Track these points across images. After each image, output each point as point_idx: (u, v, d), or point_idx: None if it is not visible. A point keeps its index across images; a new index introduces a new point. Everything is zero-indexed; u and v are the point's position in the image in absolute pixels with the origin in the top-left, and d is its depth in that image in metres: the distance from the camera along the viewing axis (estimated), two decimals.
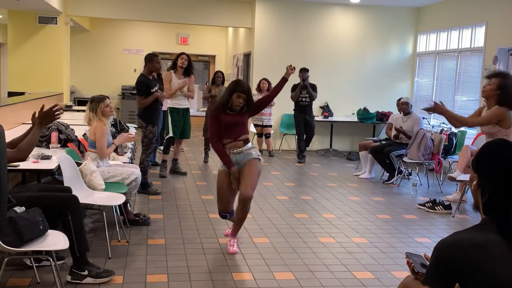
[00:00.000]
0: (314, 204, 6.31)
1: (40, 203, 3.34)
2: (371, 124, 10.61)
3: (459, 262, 1.61)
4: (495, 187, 1.68)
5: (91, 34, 13.74)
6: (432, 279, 1.68)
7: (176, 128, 7.35)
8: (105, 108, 4.81)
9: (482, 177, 1.73)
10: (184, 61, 7.22)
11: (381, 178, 7.94)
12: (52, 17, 9.89)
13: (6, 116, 6.16)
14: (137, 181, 4.95)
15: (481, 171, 1.74)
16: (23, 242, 3.07)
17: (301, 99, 9.18)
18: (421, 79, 10.77)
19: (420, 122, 7.71)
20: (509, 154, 1.70)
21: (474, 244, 1.61)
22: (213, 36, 14.48)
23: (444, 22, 9.79)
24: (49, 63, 9.97)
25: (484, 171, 1.73)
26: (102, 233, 4.53)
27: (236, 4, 10.82)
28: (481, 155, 1.77)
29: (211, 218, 5.51)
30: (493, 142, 1.78)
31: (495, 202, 1.68)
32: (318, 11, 10.61)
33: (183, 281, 3.79)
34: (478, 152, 1.80)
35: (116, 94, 13.61)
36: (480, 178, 1.74)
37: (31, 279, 3.67)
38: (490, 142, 1.80)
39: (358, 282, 3.92)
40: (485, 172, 1.72)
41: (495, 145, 1.76)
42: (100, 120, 4.79)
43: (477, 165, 1.76)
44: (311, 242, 4.84)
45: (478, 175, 1.75)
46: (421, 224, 5.62)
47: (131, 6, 10.42)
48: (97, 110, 4.79)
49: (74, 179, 4.24)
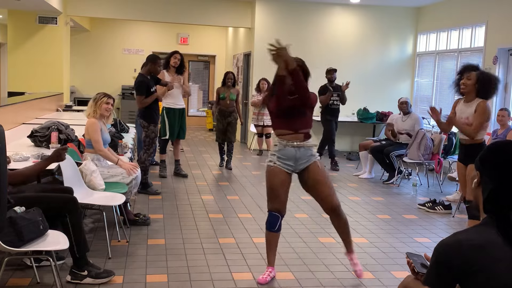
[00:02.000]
0: (314, 204, 6.28)
1: (40, 204, 3.34)
2: (371, 124, 10.61)
3: (459, 263, 1.61)
4: (496, 186, 1.68)
5: (91, 34, 13.73)
6: (433, 279, 1.69)
7: (171, 130, 7.33)
8: (105, 104, 4.82)
9: (484, 176, 1.73)
10: (177, 61, 7.22)
11: (381, 178, 7.94)
12: (52, 17, 9.89)
13: (6, 116, 6.15)
14: (137, 180, 4.95)
15: (484, 170, 1.74)
16: (23, 242, 3.07)
17: (332, 102, 8.55)
18: (421, 79, 10.77)
19: (420, 122, 7.72)
20: None
21: (474, 245, 1.61)
22: (213, 36, 14.48)
23: (444, 22, 9.79)
24: (49, 63, 9.97)
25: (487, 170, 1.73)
26: (102, 233, 4.53)
27: (236, 4, 10.82)
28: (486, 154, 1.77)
29: (211, 218, 5.51)
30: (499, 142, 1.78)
31: (495, 201, 1.68)
32: (318, 11, 10.61)
33: (183, 281, 3.79)
34: (483, 151, 1.80)
35: (116, 94, 13.61)
36: (482, 177, 1.74)
37: (31, 279, 3.67)
38: (496, 142, 1.80)
39: (358, 282, 3.92)
40: (487, 171, 1.73)
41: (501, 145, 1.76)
42: (94, 116, 4.80)
43: (481, 164, 1.76)
44: (311, 242, 4.84)
45: (480, 173, 1.75)
46: (421, 224, 5.62)
47: (131, 6, 10.42)
48: (98, 101, 4.80)
49: (74, 179, 4.23)
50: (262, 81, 9.43)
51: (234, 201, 6.29)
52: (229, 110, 8.25)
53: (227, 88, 8.26)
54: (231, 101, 8.25)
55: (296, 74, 3.75)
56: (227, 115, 8.26)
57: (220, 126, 8.29)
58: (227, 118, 8.26)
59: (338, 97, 8.56)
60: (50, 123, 5.23)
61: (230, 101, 8.23)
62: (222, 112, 8.26)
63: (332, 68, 8.66)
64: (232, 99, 8.25)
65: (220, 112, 8.27)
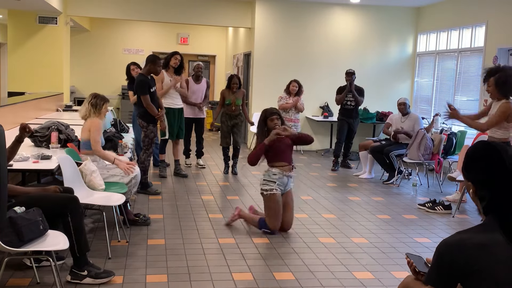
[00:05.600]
0: (314, 204, 6.31)
1: (40, 204, 3.34)
2: (371, 124, 10.61)
3: (460, 262, 1.61)
4: (491, 190, 1.67)
5: (91, 34, 13.74)
6: (434, 279, 1.69)
7: (171, 130, 7.33)
8: (104, 110, 4.85)
9: (476, 184, 1.72)
10: (177, 61, 7.27)
11: (381, 178, 7.94)
12: (52, 17, 9.89)
13: (6, 116, 6.15)
14: (137, 179, 4.95)
15: (473, 178, 1.73)
16: (23, 242, 3.08)
17: (346, 102, 8.60)
18: (421, 79, 10.77)
19: (419, 122, 7.72)
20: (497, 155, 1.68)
21: (475, 244, 1.61)
22: (213, 36, 14.48)
23: (444, 22, 9.79)
24: (49, 63, 9.97)
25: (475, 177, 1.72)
26: (102, 233, 4.53)
27: (236, 4, 10.82)
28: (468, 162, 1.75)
29: (211, 218, 5.51)
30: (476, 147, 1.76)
31: (494, 206, 1.67)
32: (318, 11, 10.61)
33: (183, 281, 3.79)
34: (464, 160, 1.78)
35: (116, 94, 13.62)
36: (474, 185, 1.73)
37: (31, 279, 3.67)
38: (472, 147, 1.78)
39: (358, 282, 3.92)
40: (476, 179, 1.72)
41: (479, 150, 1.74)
42: (98, 117, 4.80)
43: (467, 173, 1.75)
44: (311, 242, 4.84)
45: (471, 182, 1.74)
46: (421, 224, 5.62)
47: (131, 6, 10.41)
48: (101, 108, 4.80)
49: (74, 179, 4.23)
50: (293, 82, 8.77)
51: (234, 201, 6.29)
52: (235, 114, 7.86)
53: (232, 93, 7.75)
54: (237, 106, 7.81)
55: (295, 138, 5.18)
56: (233, 117, 7.86)
57: (225, 128, 7.84)
58: (232, 119, 7.85)
59: (353, 98, 8.57)
60: (50, 123, 5.23)
61: (236, 106, 7.79)
62: (227, 115, 7.85)
63: (351, 71, 8.55)
64: (238, 104, 7.80)
65: (225, 114, 7.86)
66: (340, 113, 8.84)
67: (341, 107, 8.75)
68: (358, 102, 8.60)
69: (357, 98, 8.54)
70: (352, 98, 8.58)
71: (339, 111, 8.90)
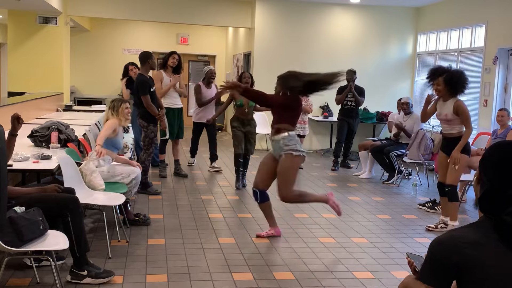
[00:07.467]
0: (314, 204, 6.30)
1: (40, 204, 3.34)
2: (371, 124, 10.61)
3: (453, 260, 1.63)
4: (491, 185, 1.69)
5: (91, 34, 13.73)
6: (427, 276, 1.70)
7: (171, 129, 7.33)
8: (125, 110, 5.04)
9: (483, 174, 1.74)
10: (175, 61, 7.28)
11: (381, 178, 7.94)
12: (52, 17, 9.89)
13: (6, 116, 6.11)
14: (137, 179, 4.96)
15: (484, 168, 1.75)
16: (23, 242, 3.08)
17: (346, 102, 8.57)
18: (421, 79, 10.75)
19: (419, 122, 7.70)
20: None
21: (468, 241, 1.63)
22: (213, 36, 14.47)
23: (444, 22, 9.79)
24: (49, 63, 9.96)
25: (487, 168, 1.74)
26: (102, 233, 4.52)
27: (236, 4, 10.82)
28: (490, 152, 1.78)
29: (211, 218, 5.51)
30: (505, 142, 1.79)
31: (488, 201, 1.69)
32: (318, 11, 10.61)
33: (183, 281, 3.79)
34: (488, 149, 1.81)
35: (116, 94, 13.59)
36: (481, 175, 1.75)
37: (31, 279, 3.67)
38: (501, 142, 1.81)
39: (358, 282, 3.92)
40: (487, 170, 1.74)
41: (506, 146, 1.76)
42: (118, 118, 4.99)
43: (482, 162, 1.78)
44: (311, 242, 4.84)
45: (480, 172, 1.76)
46: (421, 224, 5.62)
47: (131, 6, 10.42)
48: (119, 109, 5.01)
49: (74, 179, 4.24)
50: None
51: (234, 201, 6.29)
52: (248, 118, 6.98)
53: None
54: (250, 108, 6.93)
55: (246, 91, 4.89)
56: (246, 123, 6.98)
57: (239, 133, 6.93)
58: (246, 126, 6.99)
59: (353, 98, 8.56)
60: (50, 123, 5.23)
61: (249, 108, 6.91)
62: (239, 120, 6.97)
63: (352, 70, 8.52)
64: (251, 106, 6.90)
65: (237, 120, 6.98)
66: (340, 113, 8.86)
67: (341, 107, 8.76)
68: (359, 102, 8.60)
69: (358, 98, 8.54)
70: (352, 98, 8.58)
71: (339, 111, 8.92)
